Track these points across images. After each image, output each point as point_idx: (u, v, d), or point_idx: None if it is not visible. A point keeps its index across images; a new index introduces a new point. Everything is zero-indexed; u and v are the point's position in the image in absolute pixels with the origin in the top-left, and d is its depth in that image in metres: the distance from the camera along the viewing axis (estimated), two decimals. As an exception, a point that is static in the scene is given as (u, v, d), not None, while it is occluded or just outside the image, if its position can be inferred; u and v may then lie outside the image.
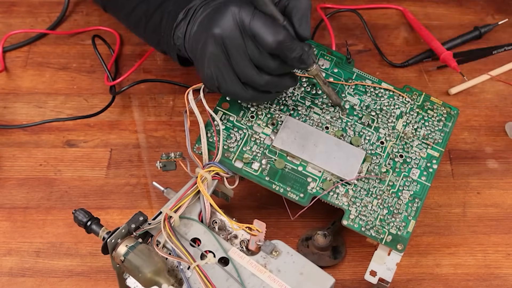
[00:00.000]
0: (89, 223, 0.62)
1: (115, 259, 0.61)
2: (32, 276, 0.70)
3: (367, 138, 0.69)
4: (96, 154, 0.78)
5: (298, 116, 0.70)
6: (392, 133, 0.70)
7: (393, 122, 0.70)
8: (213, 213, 0.65)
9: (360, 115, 0.71)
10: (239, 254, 0.62)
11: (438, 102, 0.72)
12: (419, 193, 0.68)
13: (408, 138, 0.70)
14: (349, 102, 0.71)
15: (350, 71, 0.73)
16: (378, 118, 0.71)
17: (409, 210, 0.67)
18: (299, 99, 0.71)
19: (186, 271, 0.61)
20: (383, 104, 0.71)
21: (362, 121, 0.70)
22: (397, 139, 0.70)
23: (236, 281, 0.60)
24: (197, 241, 0.63)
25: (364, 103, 0.71)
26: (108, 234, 0.61)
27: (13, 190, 0.76)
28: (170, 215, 0.62)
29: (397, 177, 0.68)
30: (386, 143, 0.69)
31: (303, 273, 0.61)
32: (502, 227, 0.73)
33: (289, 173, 0.68)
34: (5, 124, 0.80)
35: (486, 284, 0.69)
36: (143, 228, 0.62)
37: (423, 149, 0.69)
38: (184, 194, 0.64)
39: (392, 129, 0.70)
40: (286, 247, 0.62)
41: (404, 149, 0.69)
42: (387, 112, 0.71)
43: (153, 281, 0.59)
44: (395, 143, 0.69)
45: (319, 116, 0.70)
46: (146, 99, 0.83)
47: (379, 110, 0.71)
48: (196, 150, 0.67)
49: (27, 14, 0.91)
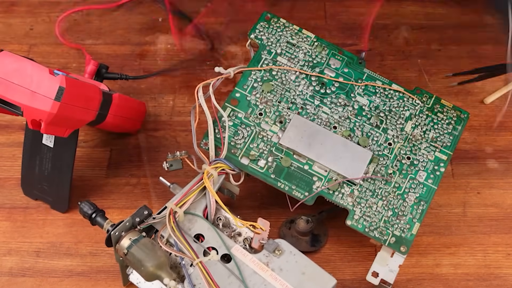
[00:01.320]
0: (94, 215, 0.63)
1: (118, 252, 0.61)
2: (32, 276, 0.70)
3: (375, 139, 0.69)
4: (96, 154, 0.78)
5: (307, 115, 0.70)
6: (400, 135, 0.70)
7: (402, 124, 0.70)
8: (218, 210, 0.65)
9: (368, 116, 0.70)
10: (242, 252, 0.62)
11: (449, 105, 0.72)
12: (425, 196, 0.67)
13: (416, 141, 0.70)
14: (359, 103, 0.71)
15: (361, 71, 0.73)
16: (387, 119, 0.70)
17: (414, 212, 0.67)
18: (308, 97, 0.71)
19: (188, 267, 0.61)
20: (392, 105, 0.71)
21: (371, 122, 0.70)
22: (405, 141, 0.70)
23: (237, 279, 0.60)
24: (201, 237, 0.63)
25: (374, 104, 0.71)
26: (112, 227, 0.61)
27: (13, 190, 0.76)
28: (175, 210, 0.62)
29: (404, 179, 0.68)
30: (394, 145, 0.69)
31: (305, 273, 0.61)
32: (502, 227, 0.73)
33: (295, 172, 0.68)
34: (6, 124, 0.80)
35: (486, 284, 0.69)
36: (148, 222, 0.63)
37: (431, 152, 0.69)
38: (190, 189, 0.64)
39: (400, 130, 0.70)
40: (289, 247, 0.62)
41: (412, 151, 0.69)
42: (396, 113, 0.71)
43: (155, 275, 0.59)
44: (403, 145, 0.69)
45: (328, 115, 0.70)
46: (146, 99, 0.83)
47: (388, 112, 0.71)
48: (204, 145, 0.68)
49: (27, 14, 0.91)
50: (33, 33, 0.89)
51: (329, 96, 0.71)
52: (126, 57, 0.87)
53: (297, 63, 0.72)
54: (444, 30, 0.89)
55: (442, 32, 0.88)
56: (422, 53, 0.87)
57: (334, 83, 0.72)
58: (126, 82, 0.83)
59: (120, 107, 0.73)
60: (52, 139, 0.70)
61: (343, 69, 0.73)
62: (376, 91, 0.72)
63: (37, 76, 0.63)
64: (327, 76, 0.72)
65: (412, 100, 0.72)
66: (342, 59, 0.73)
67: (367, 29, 0.87)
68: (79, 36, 0.88)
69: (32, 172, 0.73)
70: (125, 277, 0.66)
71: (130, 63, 0.86)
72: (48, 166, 0.72)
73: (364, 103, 0.71)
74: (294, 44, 0.73)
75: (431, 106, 0.72)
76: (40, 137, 0.70)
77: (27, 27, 0.89)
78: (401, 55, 0.87)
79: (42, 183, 0.73)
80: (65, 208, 0.73)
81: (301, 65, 0.72)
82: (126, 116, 0.75)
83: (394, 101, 0.72)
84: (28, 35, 0.88)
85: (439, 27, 0.89)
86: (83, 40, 0.88)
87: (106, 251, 0.71)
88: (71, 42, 0.87)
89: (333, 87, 0.72)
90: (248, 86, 0.71)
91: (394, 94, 0.72)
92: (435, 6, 0.91)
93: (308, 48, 0.73)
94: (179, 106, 0.82)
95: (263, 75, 0.72)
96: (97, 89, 0.69)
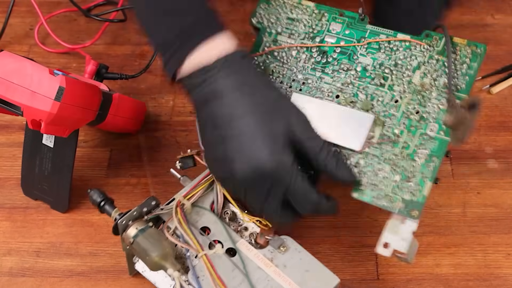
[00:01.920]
0: (103, 203, 0.63)
1: (125, 241, 0.62)
2: (32, 276, 0.70)
3: (380, 99, 0.65)
4: (96, 154, 0.79)
5: (308, 89, 0.68)
6: (407, 89, 0.64)
7: (409, 76, 0.65)
8: (226, 204, 0.65)
9: (372, 76, 0.66)
10: (247, 247, 0.62)
11: (462, 42, 0.65)
12: (436, 151, 0.62)
13: (426, 91, 0.64)
14: (361, 64, 0.67)
15: (363, 29, 0.68)
16: (392, 75, 0.66)
17: (425, 171, 0.61)
18: (309, 71, 0.68)
19: (193, 259, 0.61)
20: (398, 58, 0.66)
21: (375, 82, 0.66)
22: (414, 93, 0.64)
23: (241, 273, 0.60)
24: (207, 230, 0.64)
25: (378, 61, 0.66)
26: (120, 216, 0.62)
27: (13, 190, 0.76)
28: (182, 202, 0.63)
29: (413, 137, 0.63)
30: (400, 101, 0.64)
31: (309, 270, 0.61)
32: (502, 227, 0.73)
33: None
34: (6, 124, 0.80)
35: (486, 284, 0.69)
36: (155, 212, 0.63)
37: (442, 99, 0.63)
38: (199, 183, 0.65)
39: (408, 83, 0.65)
40: (294, 244, 0.63)
41: (421, 104, 0.64)
42: (402, 66, 0.66)
43: (160, 265, 0.60)
44: (411, 99, 0.64)
45: (330, 85, 0.67)
46: (146, 99, 0.83)
47: (394, 66, 0.66)
48: None
49: (27, 14, 0.91)
50: (33, 33, 0.89)
51: (330, 64, 0.68)
52: (126, 57, 0.87)
53: (297, 38, 0.70)
54: (444, 30, 0.89)
55: (442, 32, 0.88)
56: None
57: (335, 49, 0.68)
58: (126, 82, 0.83)
59: (120, 107, 0.73)
60: (52, 139, 0.70)
61: (344, 32, 0.69)
62: (380, 47, 0.67)
63: (37, 76, 0.63)
64: (328, 43, 0.69)
65: (420, 47, 0.66)
66: (343, 21, 0.69)
67: None
68: (79, 36, 0.88)
69: (32, 172, 0.73)
70: (131, 266, 0.66)
71: (130, 63, 0.86)
72: (48, 166, 0.72)
73: (367, 63, 0.67)
74: (294, 19, 0.71)
75: (441, 48, 0.65)
76: (40, 137, 0.70)
77: (27, 27, 0.89)
78: (401, 55, 0.87)
79: (42, 183, 0.73)
80: (65, 208, 0.73)
81: (302, 39, 0.70)
82: (126, 116, 0.75)
83: (399, 53, 0.66)
84: (28, 35, 0.88)
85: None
86: (83, 40, 0.88)
87: (106, 251, 0.71)
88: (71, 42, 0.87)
89: (334, 54, 0.68)
90: None
91: (400, 45, 0.66)
92: (435, 6, 0.91)
93: (308, 19, 0.70)
94: (179, 106, 0.82)
95: (265, 59, 0.70)
96: (97, 89, 0.69)
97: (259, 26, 0.71)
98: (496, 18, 0.90)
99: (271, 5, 0.72)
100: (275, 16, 0.71)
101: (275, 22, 0.71)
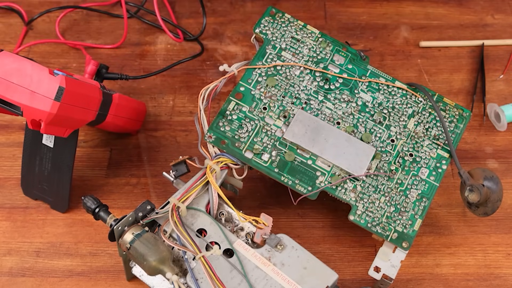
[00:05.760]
0: (97, 210, 0.63)
1: (121, 246, 0.62)
2: (32, 276, 0.70)
3: (378, 136, 0.70)
4: (96, 154, 0.79)
5: (310, 110, 0.70)
6: (403, 132, 0.70)
7: (404, 121, 0.71)
8: (221, 205, 0.65)
9: (372, 112, 0.71)
10: (244, 247, 0.62)
11: (451, 103, 0.72)
12: (427, 193, 0.68)
13: (418, 138, 0.70)
14: (362, 99, 0.71)
15: (365, 68, 0.73)
16: (390, 116, 0.71)
17: (416, 209, 0.67)
18: (312, 93, 0.71)
19: (191, 261, 0.61)
20: (395, 102, 0.71)
21: (374, 118, 0.70)
22: (408, 138, 0.70)
23: (239, 273, 0.61)
24: (203, 232, 0.64)
25: (377, 100, 0.71)
26: (115, 221, 0.61)
27: (13, 190, 0.76)
28: (177, 205, 0.63)
29: (406, 176, 0.68)
30: (396, 141, 0.70)
31: (307, 267, 0.61)
32: (502, 227, 0.73)
33: (298, 166, 0.68)
34: (6, 124, 0.80)
35: (486, 284, 0.69)
36: (150, 216, 0.63)
37: (433, 149, 0.69)
38: (193, 185, 0.65)
39: (403, 127, 0.70)
40: (291, 242, 0.63)
41: (414, 148, 0.69)
42: (399, 110, 0.71)
43: (158, 269, 0.60)
44: (405, 142, 0.70)
45: (331, 111, 0.70)
46: (146, 99, 0.83)
47: (391, 108, 0.71)
48: (208, 138, 0.67)
49: (27, 14, 0.90)
50: (33, 33, 0.89)
51: (333, 92, 0.71)
52: (126, 57, 0.87)
53: (301, 59, 0.72)
54: (444, 30, 0.89)
55: (442, 32, 0.89)
56: (422, 53, 0.87)
57: (338, 79, 0.72)
58: (126, 82, 0.83)
59: (120, 107, 0.73)
60: (52, 139, 0.70)
61: (347, 65, 0.73)
62: (380, 88, 0.72)
63: (37, 76, 0.63)
64: (331, 72, 0.72)
65: (415, 98, 0.72)
66: (346, 55, 0.73)
67: None
68: (79, 36, 0.88)
69: (32, 172, 0.73)
70: (129, 271, 0.66)
71: (130, 63, 0.86)
72: (48, 166, 0.72)
73: (367, 100, 0.71)
74: (298, 40, 0.73)
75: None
76: (40, 137, 0.70)
77: (27, 27, 0.89)
78: (401, 55, 0.87)
79: (42, 183, 0.73)
80: (65, 208, 0.73)
81: (306, 61, 0.72)
82: (126, 116, 0.75)
83: (397, 98, 0.72)
84: (28, 35, 0.88)
85: (439, 27, 0.89)
86: (83, 40, 0.88)
87: (106, 251, 0.71)
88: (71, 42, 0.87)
89: (337, 83, 0.72)
90: (252, 80, 0.71)
91: (397, 91, 0.72)
92: (435, 6, 0.91)
93: (313, 44, 0.73)
94: (179, 106, 0.82)
95: (268, 70, 0.72)
96: (97, 89, 0.69)
97: (263, 36, 0.72)
98: (496, 18, 0.90)
99: (276, 20, 0.73)
100: (280, 32, 0.73)
101: (280, 38, 0.73)
